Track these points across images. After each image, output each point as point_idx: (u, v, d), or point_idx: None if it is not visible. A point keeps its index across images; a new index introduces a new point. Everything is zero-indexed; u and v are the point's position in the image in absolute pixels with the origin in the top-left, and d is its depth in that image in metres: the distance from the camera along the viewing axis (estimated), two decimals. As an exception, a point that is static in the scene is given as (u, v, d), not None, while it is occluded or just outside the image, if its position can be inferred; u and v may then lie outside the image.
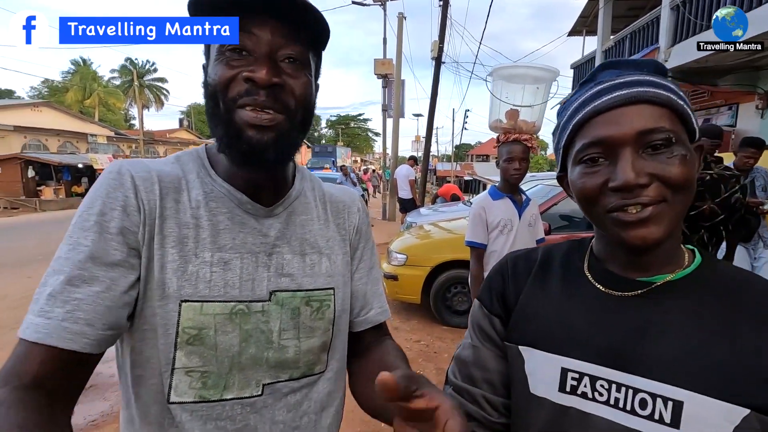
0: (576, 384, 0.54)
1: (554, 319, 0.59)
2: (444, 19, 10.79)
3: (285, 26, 0.57)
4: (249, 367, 0.61)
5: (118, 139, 27.99)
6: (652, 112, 0.51)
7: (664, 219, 0.51)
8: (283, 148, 0.59)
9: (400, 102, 12.78)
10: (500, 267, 0.69)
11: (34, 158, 19.44)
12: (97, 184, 0.58)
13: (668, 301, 0.53)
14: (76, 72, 38.47)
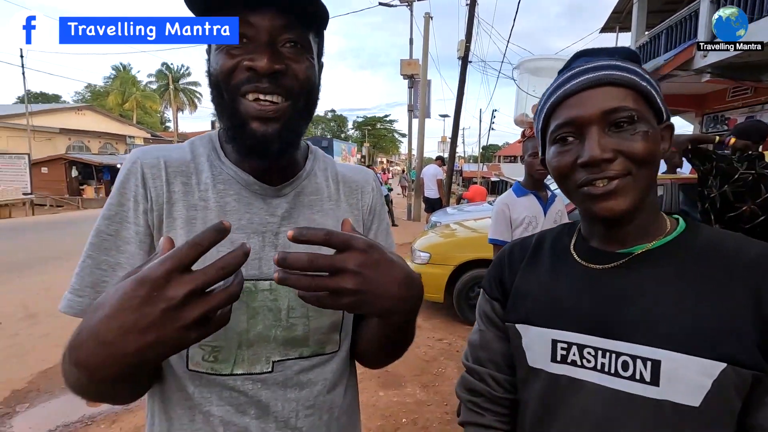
0: (565, 353, 0.59)
1: (544, 296, 0.63)
2: (471, 18, 10.69)
3: (283, 11, 0.56)
4: (257, 344, 0.62)
5: (153, 141, 29.15)
6: (617, 93, 0.54)
7: (629, 191, 0.54)
8: (287, 138, 0.60)
9: (426, 102, 12.75)
10: (499, 255, 0.74)
11: (77, 159, 20.52)
12: (119, 175, 0.63)
13: (646, 269, 0.57)
14: (117, 77, 40.36)
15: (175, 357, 0.61)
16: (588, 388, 0.56)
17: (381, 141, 59.89)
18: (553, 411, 0.60)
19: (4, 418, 2.56)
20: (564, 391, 0.58)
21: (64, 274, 5.79)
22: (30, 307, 4.48)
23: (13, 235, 9.43)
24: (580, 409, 0.57)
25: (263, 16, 0.56)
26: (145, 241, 0.61)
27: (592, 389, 0.56)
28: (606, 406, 0.55)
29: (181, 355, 0.61)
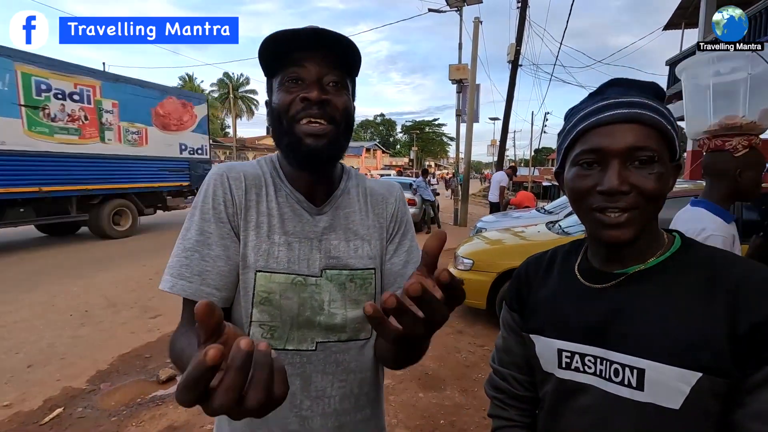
0: (569, 361, 0.68)
1: (552, 310, 0.72)
2: (522, 21, 10.50)
3: (328, 58, 0.73)
4: (305, 327, 0.76)
5: (215, 146, 31.04)
6: (643, 132, 0.60)
7: (635, 224, 0.61)
8: (333, 150, 0.75)
9: (475, 107, 12.63)
10: (518, 270, 0.83)
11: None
12: (207, 183, 0.77)
13: (638, 287, 0.64)
14: (183, 87, 43.47)
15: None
16: (589, 391, 0.66)
17: (429, 145, 59.62)
18: (562, 408, 0.70)
19: (90, 394, 2.94)
20: (570, 392, 0.68)
21: (137, 270, 6.38)
22: (111, 297, 5.03)
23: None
24: (582, 408, 0.66)
25: (313, 61, 0.72)
26: (234, 236, 0.75)
27: (592, 391, 0.65)
28: (602, 406, 0.64)
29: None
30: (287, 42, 0.71)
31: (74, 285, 5.61)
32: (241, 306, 0.75)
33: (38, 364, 3.35)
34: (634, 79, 0.65)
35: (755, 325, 0.54)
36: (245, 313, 0.75)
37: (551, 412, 0.72)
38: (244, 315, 0.75)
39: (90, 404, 2.81)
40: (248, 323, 0.75)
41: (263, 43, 0.72)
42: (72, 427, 2.54)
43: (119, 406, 2.78)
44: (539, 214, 7.26)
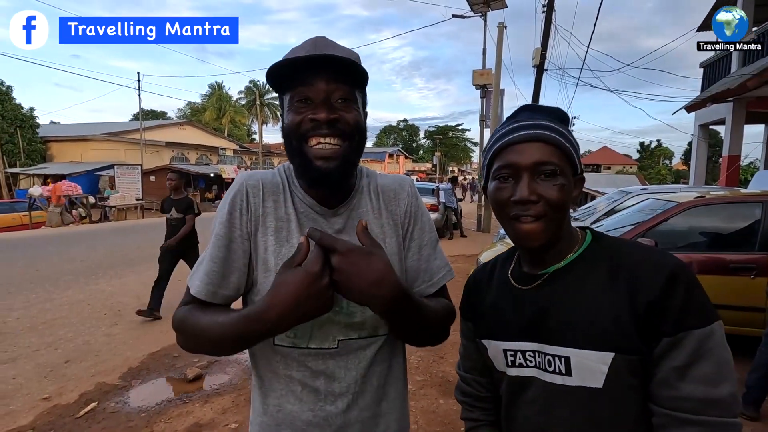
0: (514, 359, 0.75)
1: (494, 315, 0.80)
2: (548, 25, 10.37)
3: (335, 76, 0.74)
4: (326, 325, 0.78)
5: (241, 152, 31.88)
6: (546, 149, 0.69)
7: (545, 230, 0.69)
8: (344, 171, 0.77)
9: (499, 112, 12.52)
10: (468, 282, 0.90)
11: (179, 169, 23.11)
12: (229, 192, 0.81)
13: (557, 284, 0.72)
14: (212, 94, 44.84)
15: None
16: (533, 383, 0.73)
17: (452, 150, 59.31)
18: (515, 402, 0.77)
19: (122, 390, 3.06)
20: (519, 387, 0.75)
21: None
22: (142, 298, 5.21)
23: (128, 235, 10.95)
24: (530, 399, 0.74)
25: (320, 81, 0.74)
26: (247, 242, 0.79)
27: (536, 383, 0.72)
28: (544, 395, 0.71)
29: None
30: (292, 67, 0.74)
31: (108, 285, 5.86)
32: None
33: (75, 359, 3.52)
34: (541, 105, 0.77)
35: (650, 303, 0.62)
36: None
37: (507, 406, 0.79)
38: None
39: (122, 400, 2.93)
40: None
41: (268, 71, 0.74)
42: (105, 421, 2.66)
43: (149, 403, 2.89)
44: (565, 221, 7.08)
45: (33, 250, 8.55)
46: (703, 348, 0.60)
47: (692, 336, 0.60)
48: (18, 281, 5.91)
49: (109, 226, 14.37)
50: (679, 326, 0.61)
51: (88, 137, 23.90)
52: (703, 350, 0.60)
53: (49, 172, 20.25)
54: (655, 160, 58.39)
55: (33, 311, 4.69)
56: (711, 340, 0.60)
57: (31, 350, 3.67)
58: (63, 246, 9.09)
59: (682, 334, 0.60)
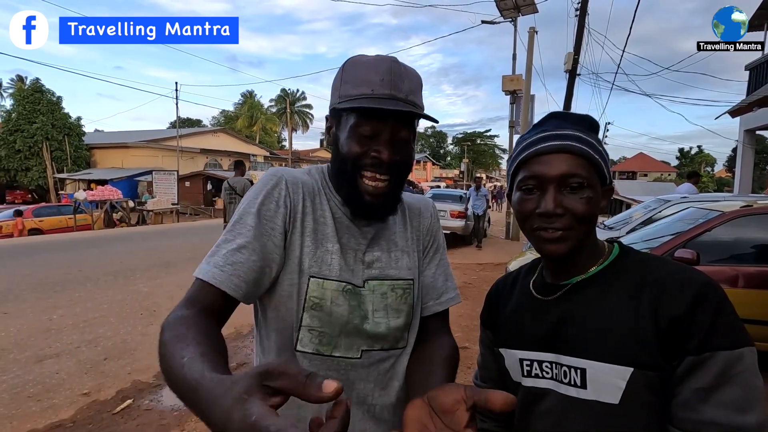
0: (530, 369, 0.74)
1: (514, 324, 0.78)
2: (580, 29, 10.13)
3: (404, 118, 0.75)
4: (352, 334, 0.77)
5: (272, 158, 32.66)
6: (574, 161, 0.67)
7: (569, 240, 0.68)
8: (390, 206, 0.80)
9: (529, 119, 12.29)
10: (489, 290, 0.90)
11: (212, 174, 23.93)
12: (262, 183, 0.77)
13: (579, 295, 0.70)
14: (245, 102, 46.26)
15: (284, 342, 0.77)
16: (549, 395, 0.71)
17: (481, 157, 58.63)
18: (529, 414, 0.74)
19: (156, 388, 3.16)
20: (534, 398, 0.73)
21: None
22: (176, 299, 5.35)
23: (164, 238, 11.39)
24: (544, 411, 0.72)
25: (389, 121, 0.74)
26: (281, 238, 0.75)
27: (551, 395, 0.70)
28: (559, 407, 0.69)
29: (289, 339, 0.76)
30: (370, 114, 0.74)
31: (145, 286, 6.10)
32: (290, 309, 0.76)
33: (112, 357, 3.67)
34: (570, 113, 0.74)
35: (674, 318, 0.59)
36: (295, 317, 0.76)
37: (521, 418, 0.76)
38: (294, 318, 0.76)
39: (155, 398, 3.03)
40: (297, 327, 0.76)
41: (345, 100, 0.75)
42: (140, 418, 2.75)
43: (181, 402, 2.96)
44: (597, 230, 6.84)
45: (77, 251, 9.02)
46: (730, 371, 0.56)
47: (719, 357, 0.56)
48: (63, 281, 6.24)
49: (147, 229, 15.00)
50: (705, 346, 0.57)
51: (129, 144, 25.10)
52: (731, 374, 0.56)
53: (93, 177, 21.36)
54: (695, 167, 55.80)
55: (76, 309, 4.93)
56: (740, 364, 0.56)
57: (73, 347, 3.86)
58: (104, 248, 9.54)
59: (707, 354, 0.57)
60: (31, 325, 4.35)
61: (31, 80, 24.73)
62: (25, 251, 8.89)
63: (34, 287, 5.79)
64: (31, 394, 2.99)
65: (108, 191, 15.94)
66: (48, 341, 3.96)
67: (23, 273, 6.68)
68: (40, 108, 23.06)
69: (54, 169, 22.29)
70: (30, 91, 23.47)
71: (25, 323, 4.40)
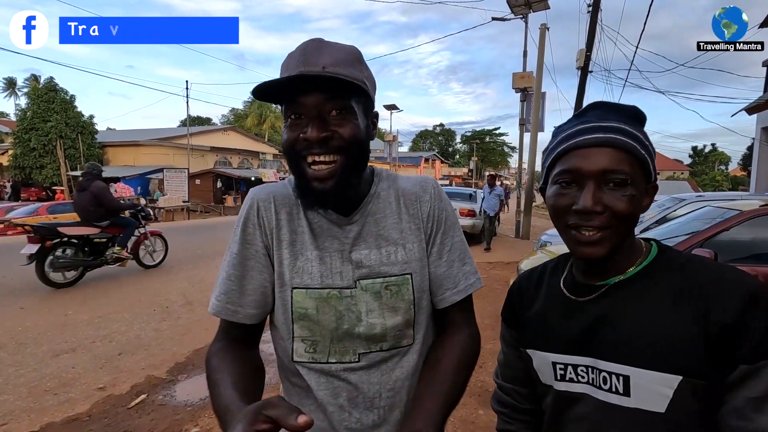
0: (564, 373, 0.70)
1: (543, 324, 0.74)
2: (593, 25, 10.00)
3: (327, 90, 0.68)
4: (345, 339, 0.76)
5: (281, 156, 32.76)
6: (617, 156, 0.62)
7: (608, 242, 0.63)
8: (340, 189, 0.71)
9: (540, 116, 12.18)
10: (512, 287, 0.85)
11: (222, 172, 24.11)
12: (242, 209, 0.80)
13: (618, 297, 0.66)
14: (254, 101, 46.42)
15: (285, 353, 0.80)
16: (584, 400, 0.68)
17: (490, 155, 58.23)
18: (561, 418, 0.72)
19: (169, 384, 3.19)
20: (567, 402, 0.70)
21: (213, 270, 6.87)
22: (188, 296, 5.46)
23: (176, 235, 11.48)
24: (579, 416, 0.68)
25: (308, 97, 0.69)
26: (265, 257, 0.78)
27: (587, 400, 0.67)
28: (596, 414, 0.66)
29: (285, 351, 0.80)
30: (279, 88, 0.69)
31: (157, 282, 6.16)
32: (283, 322, 0.78)
33: (127, 352, 3.72)
34: (615, 103, 0.68)
35: (726, 325, 0.56)
36: (287, 329, 0.78)
37: (551, 422, 0.74)
38: (286, 331, 0.78)
39: (169, 393, 3.05)
40: (291, 339, 0.78)
41: (254, 90, 0.69)
42: (154, 413, 2.78)
43: (194, 398, 3.00)
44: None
45: (90, 247, 9.13)
46: None
47: None
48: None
49: (158, 226, 15.15)
50: (759, 354, 0.55)
51: (141, 142, 25.36)
52: None
53: (106, 175, 21.62)
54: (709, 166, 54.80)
55: (90, 305, 5.00)
56: None
57: (89, 342, 3.91)
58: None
59: (763, 362, 0.55)
60: (47, 320, 4.42)
61: (45, 79, 25.13)
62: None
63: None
64: (48, 388, 3.04)
65: (120, 189, 16.13)
66: (64, 336, 4.02)
67: (39, 269, 6.78)
68: (54, 107, 23.39)
69: (68, 167, 22.63)
70: (44, 90, 23.82)
71: (41, 318, 4.48)
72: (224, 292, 0.77)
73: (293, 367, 0.79)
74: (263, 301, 0.78)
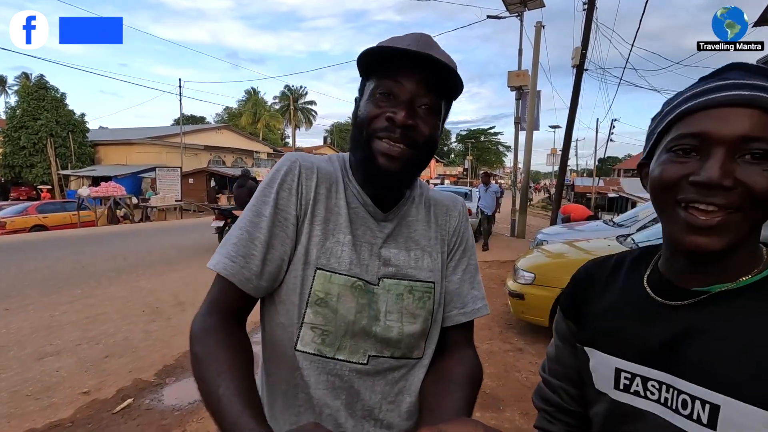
0: (628, 383, 0.59)
1: (612, 323, 0.63)
2: (588, 23, 9.98)
3: (426, 80, 0.68)
4: (359, 336, 0.70)
5: (275, 155, 32.59)
6: (763, 120, 0.48)
7: (731, 230, 0.49)
8: (404, 175, 0.71)
9: (535, 114, 12.15)
10: (577, 274, 0.74)
11: (216, 171, 23.91)
12: (276, 168, 0.73)
13: (721, 309, 0.53)
14: (249, 100, 46.22)
15: (284, 339, 0.71)
16: (649, 419, 0.56)
17: (484, 154, 58.35)
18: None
19: (157, 387, 3.10)
20: (626, 417, 0.59)
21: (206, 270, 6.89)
22: (179, 296, 5.35)
23: (168, 235, 11.37)
24: None
25: (410, 80, 0.68)
26: (293, 228, 0.70)
27: (654, 420, 0.56)
28: None
29: (290, 337, 0.70)
30: (386, 56, 0.68)
31: (148, 282, 6.05)
32: (293, 304, 0.70)
33: (114, 355, 3.61)
34: (762, 66, 0.53)
35: None
36: (297, 312, 0.70)
37: None
38: (295, 315, 0.70)
39: (156, 397, 2.96)
40: (299, 324, 0.70)
41: (362, 54, 0.68)
42: (140, 418, 2.68)
43: (182, 402, 2.90)
44: (606, 227, 6.77)
45: (80, 247, 8.99)
46: None
47: None
48: (65, 277, 6.20)
49: (150, 225, 15.00)
50: None
51: (133, 141, 25.08)
52: None
53: (97, 174, 21.40)
54: (702, 165, 55.23)
55: (78, 306, 4.88)
56: None
57: (74, 344, 3.80)
58: (107, 244, 9.52)
59: None
60: (32, 322, 4.30)
61: (35, 77, 24.76)
62: (29, 247, 8.88)
63: (37, 284, 5.76)
64: (30, 393, 2.93)
65: (112, 188, 15.92)
66: (49, 338, 3.90)
67: (26, 269, 6.65)
68: (45, 105, 23.05)
69: (58, 166, 22.33)
70: (34, 88, 23.47)
71: (26, 320, 4.36)
72: (243, 254, 0.67)
73: (291, 357, 0.71)
74: (277, 276, 0.70)
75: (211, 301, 0.69)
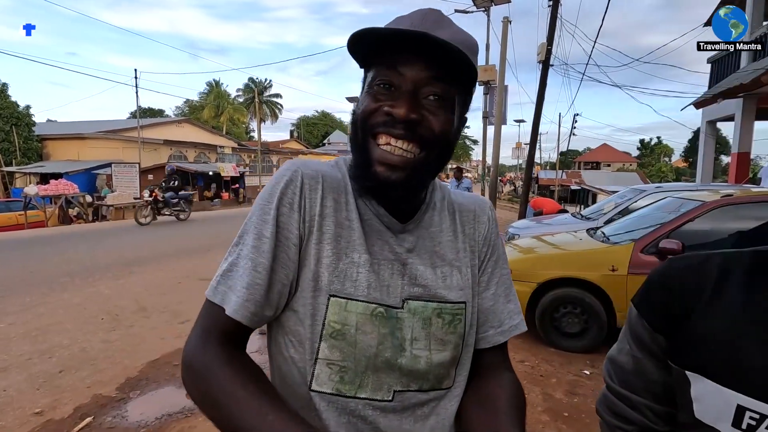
0: (755, 424, 0.49)
1: (730, 347, 0.52)
2: (553, 19, 10.18)
3: (432, 66, 0.57)
4: (382, 370, 0.62)
5: (240, 150, 31.64)
6: None
7: None
8: (411, 185, 0.61)
9: (503, 109, 12.34)
10: (664, 277, 0.62)
11: (177, 167, 22.93)
12: (276, 179, 0.62)
13: None
14: (210, 92, 44.56)
15: (296, 376, 0.62)
16: None
17: (452, 148, 59.05)
18: None
19: (119, 403, 2.88)
20: None
21: (170, 272, 6.45)
22: (141, 301, 5.04)
23: (126, 235, 10.76)
24: None
25: (411, 67, 0.58)
26: (295, 249, 0.61)
27: None
28: None
29: (304, 375, 0.62)
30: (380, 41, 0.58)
31: (106, 287, 5.67)
32: (304, 338, 0.61)
33: (69, 369, 3.33)
34: None
35: None
36: (311, 347, 0.61)
37: None
38: (309, 350, 0.61)
39: (119, 414, 2.75)
40: (313, 360, 0.60)
41: (350, 38, 0.57)
42: (101, 439, 2.48)
43: (148, 417, 2.71)
44: (575, 220, 6.96)
45: (28, 250, 8.36)
46: None
47: None
48: (12, 284, 5.72)
49: (106, 225, 14.17)
50: None
51: (86, 135, 23.63)
52: None
53: (46, 170, 20.02)
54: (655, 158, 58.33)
55: (27, 316, 4.50)
56: None
57: (24, 359, 3.49)
58: (59, 246, 8.89)
59: None
60: (-26, 336, 3.92)
61: (-28, 65, 22.77)
62: (-31, 252, 8.16)
63: (-21, 292, 5.28)
64: (-27, 417, 2.65)
65: (63, 185, 14.93)
66: (-6, 353, 3.57)
67: (-34, 276, 6.09)
68: (-17, 96, 21.32)
69: (1, 162, 20.71)
70: (-29, 78, 21.63)
71: (-33, 334, 3.97)
72: (247, 286, 0.58)
73: (306, 397, 0.61)
74: (279, 304, 0.61)
75: (215, 331, 0.59)
